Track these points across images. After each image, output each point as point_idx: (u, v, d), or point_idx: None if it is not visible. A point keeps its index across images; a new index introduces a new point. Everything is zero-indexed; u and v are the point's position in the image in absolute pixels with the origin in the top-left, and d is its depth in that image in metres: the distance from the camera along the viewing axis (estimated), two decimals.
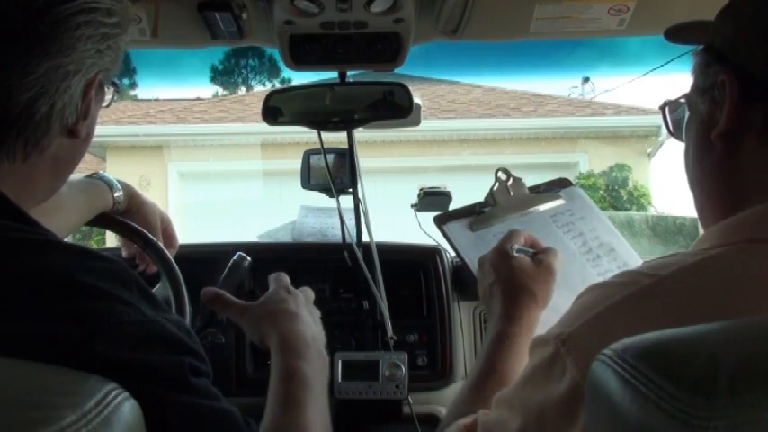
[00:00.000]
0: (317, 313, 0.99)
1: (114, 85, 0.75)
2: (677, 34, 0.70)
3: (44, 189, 0.68)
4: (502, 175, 1.18)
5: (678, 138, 0.75)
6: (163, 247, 1.11)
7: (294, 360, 0.84)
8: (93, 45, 0.63)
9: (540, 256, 0.97)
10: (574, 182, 1.25)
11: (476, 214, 1.16)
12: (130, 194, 1.14)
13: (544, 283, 0.94)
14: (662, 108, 0.77)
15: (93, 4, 0.63)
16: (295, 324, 0.89)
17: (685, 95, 0.72)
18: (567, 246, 1.10)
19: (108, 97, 0.75)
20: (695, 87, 0.69)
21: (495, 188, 1.17)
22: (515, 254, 0.96)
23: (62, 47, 0.61)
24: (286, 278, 1.00)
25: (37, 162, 0.64)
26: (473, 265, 1.09)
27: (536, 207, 1.17)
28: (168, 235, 1.20)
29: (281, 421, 0.75)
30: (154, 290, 0.95)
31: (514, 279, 0.94)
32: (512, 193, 1.17)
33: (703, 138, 0.67)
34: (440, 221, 1.16)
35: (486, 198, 1.17)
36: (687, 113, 0.72)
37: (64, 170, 0.70)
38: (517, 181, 1.18)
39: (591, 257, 1.10)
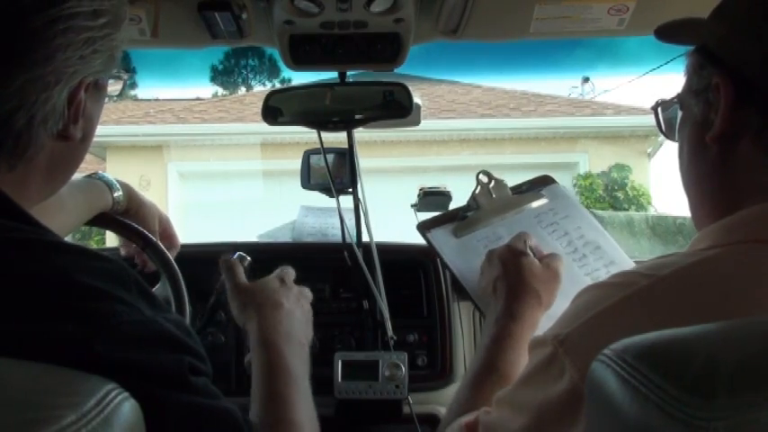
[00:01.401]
0: (309, 313, 1.00)
1: (119, 77, 0.73)
2: (669, 33, 0.70)
3: (39, 193, 0.67)
4: (483, 178, 1.16)
5: (671, 138, 0.75)
6: (162, 247, 1.11)
7: (276, 353, 0.85)
8: (74, 52, 0.61)
9: (547, 260, 0.98)
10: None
11: (459, 219, 1.15)
12: (130, 194, 1.14)
13: (550, 286, 0.96)
14: (654, 108, 0.77)
15: (72, 10, 0.60)
16: (277, 314, 0.91)
17: (678, 96, 0.72)
18: (553, 247, 1.09)
19: (115, 88, 0.73)
20: (689, 89, 0.69)
21: (476, 192, 1.15)
22: (528, 250, 0.97)
23: (38, 58, 0.58)
24: (289, 272, 1.02)
25: (27, 169, 0.62)
26: (459, 272, 1.08)
27: (519, 208, 1.16)
28: (168, 236, 1.20)
29: (270, 419, 0.75)
30: (154, 290, 0.95)
31: (522, 277, 0.94)
32: (494, 196, 1.15)
33: (698, 140, 0.67)
34: (423, 228, 1.15)
35: (468, 202, 1.16)
36: (680, 114, 0.72)
37: (61, 173, 0.69)
38: (499, 183, 1.16)
39: (577, 257, 1.09)
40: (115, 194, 1.11)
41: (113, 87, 0.73)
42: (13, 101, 0.58)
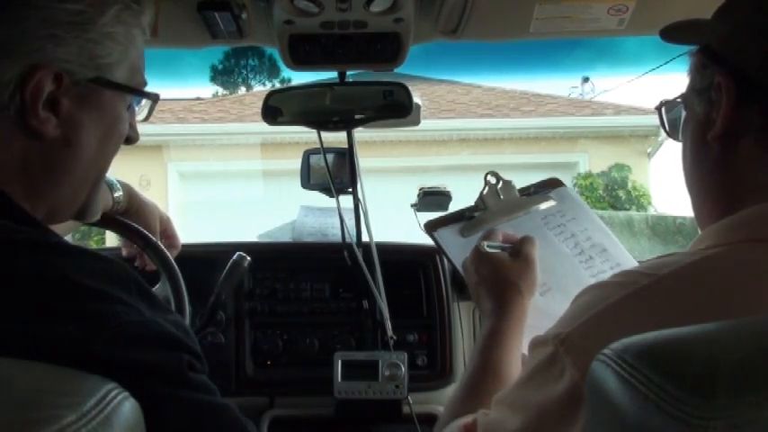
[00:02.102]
0: None
1: (140, 93, 0.70)
2: (673, 33, 0.71)
3: (33, 202, 0.63)
4: (491, 179, 1.16)
5: (675, 138, 0.75)
6: (162, 247, 1.11)
7: None
8: (26, 28, 0.58)
9: (518, 248, 0.98)
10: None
11: (466, 219, 1.15)
12: (130, 194, 1.14)
13: (525, 273, 0.95)
14: (658, 108, 0.77)
15: None
16: None
17: (682, 96, 0.72)
18: (559, 248, 1.09)
19: (141, 110, 0.71)
20: (692, 88, 0.69)
21: (484, 192, 1.15)
22: (487, 250, 0.97)
23: None
24: None
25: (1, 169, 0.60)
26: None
27: (527, 209, 1.15)
28: (169, 235, 1.20)
29: None
30: (153, 289, 0.95)
31: (496, 276, 0.95)
32: (502, 197, 1.15)
33: (700, 138, 0.67)
34: (430, 228, 1.15)
35: (476, 202, 1.15)
36: (683, 113, 0.72)
37: (48, 179, 0.64)
38: (507, 184, 1.16)
39: (583, 259, 1.09)
40: (115, 194, 1.11)
41: (139, 114, 0.72)
42: None
